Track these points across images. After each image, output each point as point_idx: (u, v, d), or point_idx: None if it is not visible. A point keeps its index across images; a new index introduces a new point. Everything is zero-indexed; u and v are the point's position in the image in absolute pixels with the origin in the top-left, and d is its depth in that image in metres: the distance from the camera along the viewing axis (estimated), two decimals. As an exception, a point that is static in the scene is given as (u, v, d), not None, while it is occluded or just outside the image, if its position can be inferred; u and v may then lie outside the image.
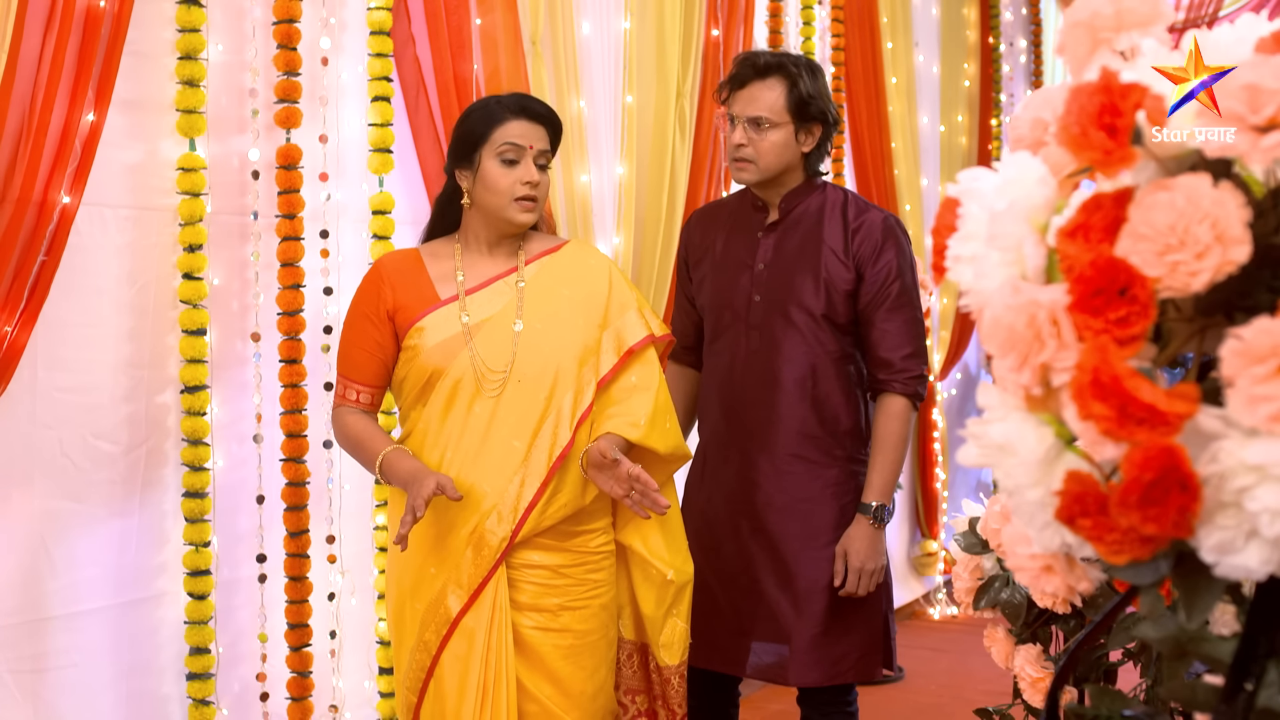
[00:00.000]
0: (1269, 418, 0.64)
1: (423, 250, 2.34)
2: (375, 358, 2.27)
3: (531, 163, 2.22)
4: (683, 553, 2.38)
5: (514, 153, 2.21)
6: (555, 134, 2.28)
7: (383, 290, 2.27)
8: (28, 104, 2.18)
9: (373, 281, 2.29)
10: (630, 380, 2.29)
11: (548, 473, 2.20)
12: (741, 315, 2.63)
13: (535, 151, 2.22)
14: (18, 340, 2.21)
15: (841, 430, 2.60)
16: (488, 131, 2.22)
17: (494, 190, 2.22)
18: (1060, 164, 0.77)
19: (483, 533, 2.19)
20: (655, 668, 2.39)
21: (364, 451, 2.25)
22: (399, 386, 2.30)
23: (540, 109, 2.26)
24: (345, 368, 2.30)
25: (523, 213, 2.23)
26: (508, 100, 2.26)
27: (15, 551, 2.35)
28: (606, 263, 2.37)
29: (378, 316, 2.27)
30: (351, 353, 2.29)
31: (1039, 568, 0.88)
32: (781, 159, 2.58)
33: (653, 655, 2.38)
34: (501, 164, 2.21)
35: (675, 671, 2.37)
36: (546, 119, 2.26)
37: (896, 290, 2.56)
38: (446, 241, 2.34)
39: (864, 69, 4.74)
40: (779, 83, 2.56)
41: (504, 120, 2.22)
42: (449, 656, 2.19)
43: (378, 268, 2.33)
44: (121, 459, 2.51)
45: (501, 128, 2.21)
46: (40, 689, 2.39)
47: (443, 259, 2.31)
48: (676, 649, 2.36)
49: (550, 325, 2.25)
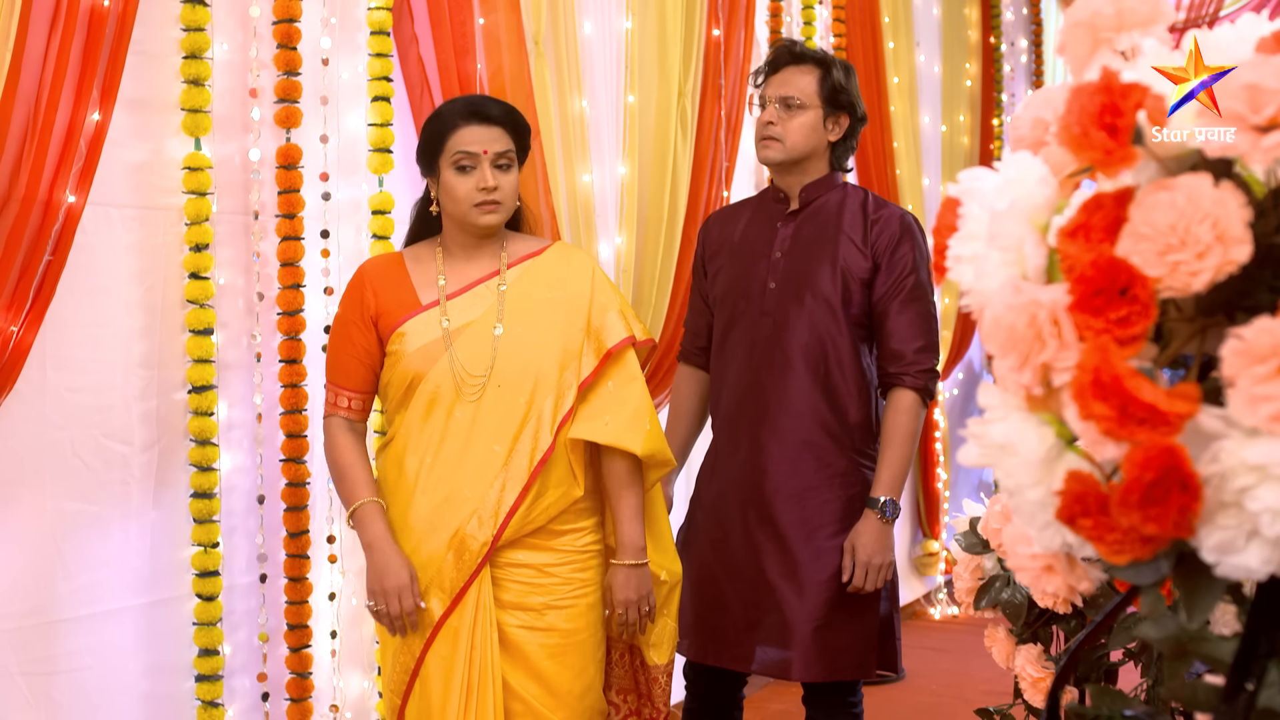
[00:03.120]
0: (1270, 417, 0.64)
1: (406, 254, 2.34)
2: (363, 364, 2.28)
3: (487, 167, 2.20)
4: (670, 553, 2.40)
5: (468, 160, 2.20)
6: (517, 133, 2.26)
7: (365, 296, 2.28)
8: (33, 103, 2.18)
9: (356, 287, 2.30)
10: (608, 385, 2.29)
11: (529, 477, 2.20)
12: (756, 302, 2.65)
13: (491, 155, 2.21)
14: (24, 340, 2.21)
15: (851, 422, 2.60)
16: (442, 141, 2.22)
17: (453, 198, 2.23)
18: (1061, 164, 0.77)
19: (464, 537, 2.19)
20: (642, 665, 2.39)
21: (343, 485, 2.28)
22: (383, 391, 2.31)
23: (493, 111, 2.24)
24: (334, 374, 2.31)
25: (484, 215, 2.23)
26: (459, 106, 2.25)
27: (27, 553, 2.35)
28: (589, 265, 2.36)
29: (363, 322, 2.27)
30: (339, 359, 2.30)
31: (1040, 567, 0.88)
32: (809, 142, 2.62)
33: (641, 654, 2.39)
34: (457, 171, 2.21)
35: (663, 670, 2.38)
36: (502, 120, 2.24)
37: (911, 284, 2.58)
38: (429, 244, 2.34)
39: (866, 69, 4.73)
40: (814, 69, 2.63)
41: (455, 128, 2.21)
42: (433, 656, 2.20)
43: (360, 273, 2.33)
44: (134, 459, 2.51)
45: (454, 136, 2.21)
46: (53, 691, 2.39)
47: (425, 262, 2.31)
48: (665, 648, 2.38)
49: (530, 329, 2.25)
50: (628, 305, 2.36)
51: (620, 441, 2.24)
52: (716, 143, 3.75)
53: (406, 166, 2.98)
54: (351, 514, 2.24)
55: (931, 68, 5.52)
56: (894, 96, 4.95)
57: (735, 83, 3.86)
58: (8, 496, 2.32)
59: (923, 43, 5.35)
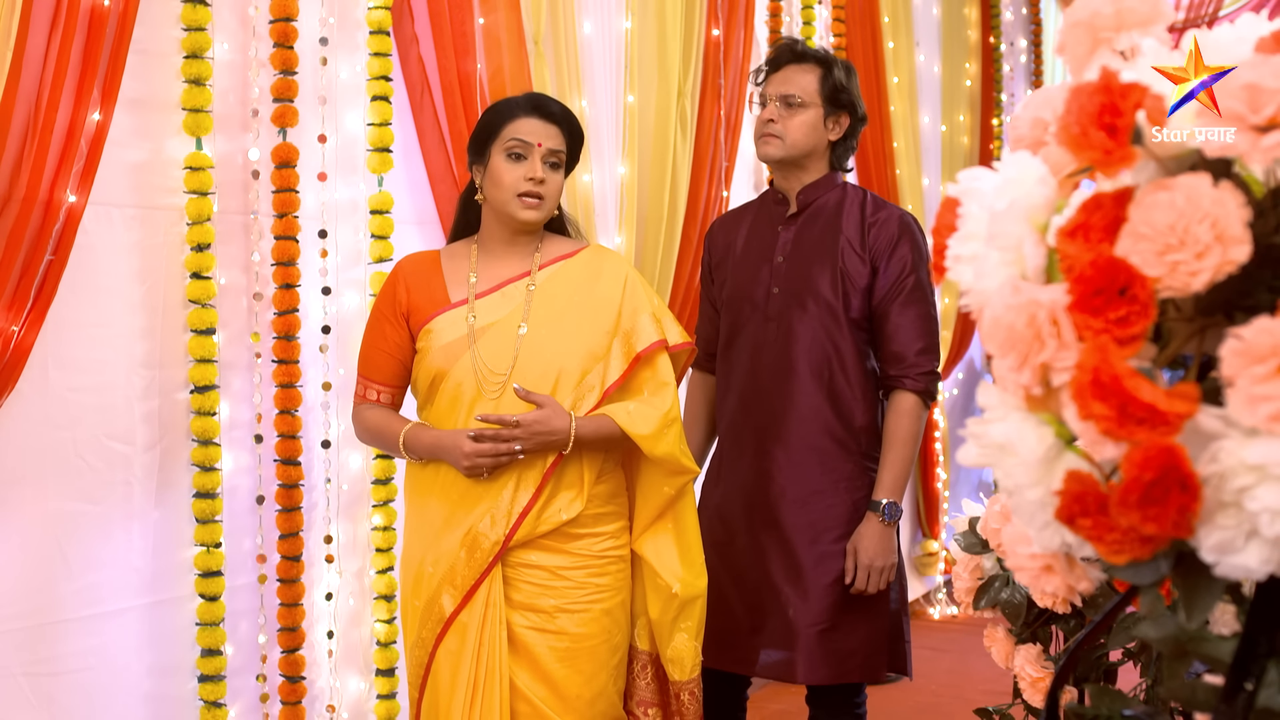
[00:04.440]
0: (1269, 417, 0.64)
1: (443, 252, 2.36)
2: (394, 358, 2.30)
3: (539, 160, 2.21)
4: (696, 567, 2.33)
5: (521, 148, 2.22)
6: (572, 136, 2.27)
7: (398, 291, 2.30)
8: (33, 103, 2.18)
9: (391, 283, 2.32)
10: (643, 394, 2.27)
11: (542, 479, 2.20)
12: (760, 308, 2.65)
13: (544, 150, 2.22)
14: (25, 340, 2.21)
15: (856, 426, 2.60)
16: (498, 127, 2.24)
17: (499, 185, 2.23)
18: (1060, 164, 0.77)
19: (476, 535, 2.19)
20: (668, 681, 2.36)
21: (385, 438, 2.28)
22: (414, 386, 2.33)
23: (554, 109, 2.26)
24: (365, 368, 2.33)
25: (525, 209, 2.23)
26: (522, 98, 2.28)
27: (29, 554, 2.35)
28: (623, 268, 2.34)
29: (395, 317, 2.29)
30: (371, 354, 2.32)
31: (1039, 567, 0.88)
32: (809, 140, 2.62)
33: (664, 669, 2.36)
34: (508, 159, 2.22)
35: (684, 688, 2.34)
36: (561, 119, 2.26)
37: (911, 285, 2.58)
38: (466, 243, 2.35)
39: (865, 69, 4.73)
40: (815, 68, 2.64)
41: (514, 116, 2.23)
42: (443, 651, 2.20)
43: (397, 269, 2.35)
44: (136, 459, 2.50)
45: (511, 124, 2.23)
46: (55, 692, 2.38)
47: (459, 260, 2.32)
48: (685, 665, 2.33)
49: (555, 329, 2.24)
50: (664, 308, 2.34)
51: (633, 427, 2.21)
52: (716, 142, 3.75)
53: (405, 166, 2.98)
54: (403, 447, 2.23)
55: (931, 67, 5.52)
56: (894, 96, 4.95)
57: (735, 82, 3.86)
58: (9, 497, 2.32)
59: (922, 42, 5.35)
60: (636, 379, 2.28)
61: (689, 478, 2.32)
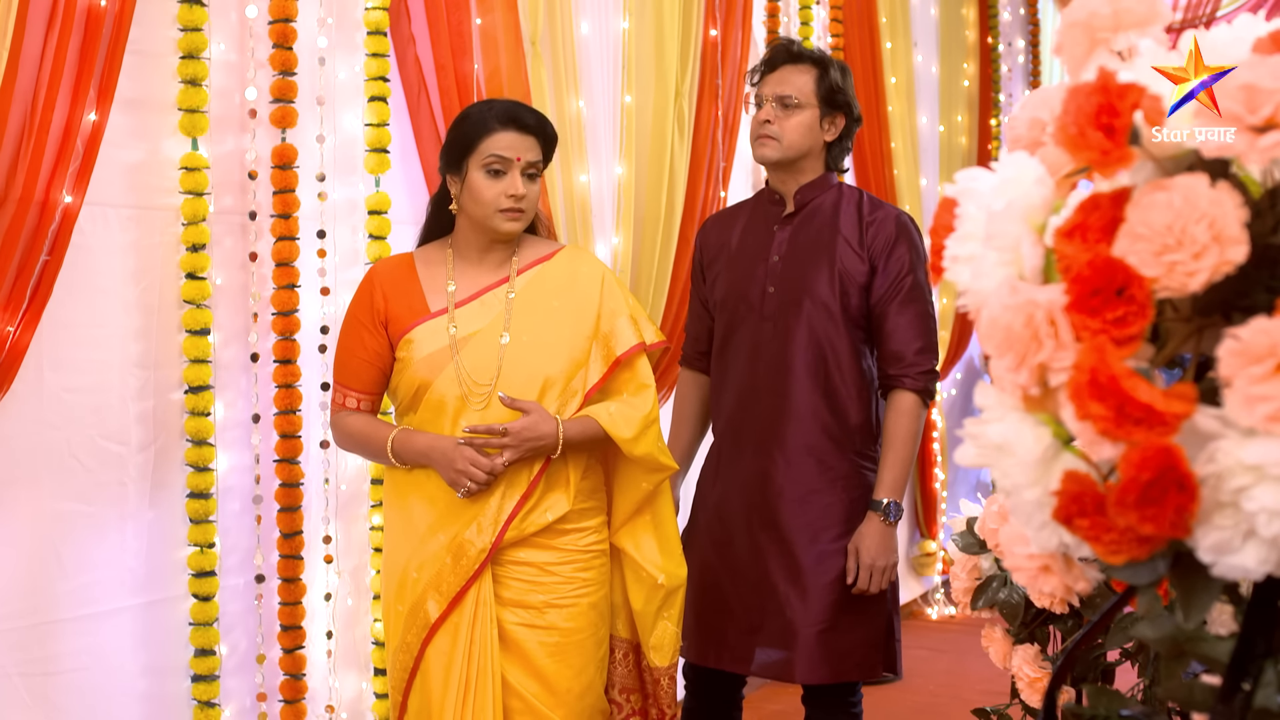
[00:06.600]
0: (1267, 417, 0.64)
1: (416, 256, 2.34)
2: (372, 365, 2.28)
3: (518, 175, 2.20)
4: (675, 557, 2.38)
5: (500, 164, 2.20)
6: (547, 144, 2.26)
7: (375, 298, 2.28)
8: (29, 103, 2.18)
9: (366, 289, 2.30)
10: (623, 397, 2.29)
11: (529, 486, 2.21)
12: (756, 307, 2.65)
13: (523, 163, 2.21)
14: (20, 341, 2.21)
15: (851, 425, 2.60)
16: (476, 141, 2.21)
17: (479, 201, 2.22)
18: (1058, 164, 0.77)
19: (462, 543, 2.19)
20: (647, 667, 2.39)
21: (370, 444, 2.27)
22: (393, 394, 2.32)
23: (530, 120, 2.23)
24: (342, 375, 2.31)
25: (507, 222, 2.22)
26: (498, 109, 2.23)
27: (24, 554, 2.35)
28: (600, 270, 2.35)
29: (373, 325, 2.27)
30: (348, 361, 2.30)
31: (1037, 568, 0.88)
32: (805, 141, 2.62)
33: (644, 655, 2.38)
34: (487, 175, 2.21)
35: (665, 673, 2.38)
36: (537, 130, 2.24)
37: (909, 284, 2.58)
38: (440, 246, 2.33)
39: (863, 69, 4.74)
40: (810, 68, 2.64)
41: (492, 131, 2.20)
42: (433, 651, 2.20)
43: (371, 275, 2.33)
44: (130, 460, 2.50)
45: (489, 139, 2.20)
46: (50, 691, 2.38)
47: (435, 265, 2.30)
48: (667, 651, 2.37)
49: (537, 338, 2.24)
50: (639, 309, 2.35)
51: (615, 429, 2.23)
52: (713, 143, 3.75)
53: (403, 166, 2.98)
54: (391, 453, 2.23)
55: (929, 68, 5.52)
56: (891, 97, 4.95)
57: (732, 83, 3.86)
58: (4, 497, 2.31)
59: (920, 43, 5.35)
60: (616, 381, 2.30)
61: (666, 474, 2.35)
